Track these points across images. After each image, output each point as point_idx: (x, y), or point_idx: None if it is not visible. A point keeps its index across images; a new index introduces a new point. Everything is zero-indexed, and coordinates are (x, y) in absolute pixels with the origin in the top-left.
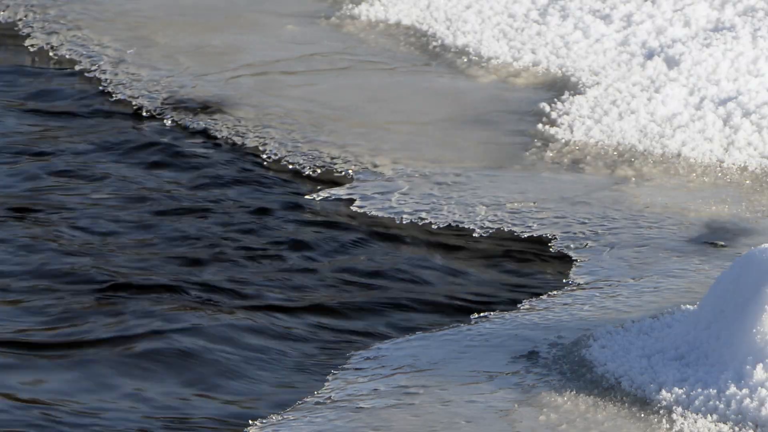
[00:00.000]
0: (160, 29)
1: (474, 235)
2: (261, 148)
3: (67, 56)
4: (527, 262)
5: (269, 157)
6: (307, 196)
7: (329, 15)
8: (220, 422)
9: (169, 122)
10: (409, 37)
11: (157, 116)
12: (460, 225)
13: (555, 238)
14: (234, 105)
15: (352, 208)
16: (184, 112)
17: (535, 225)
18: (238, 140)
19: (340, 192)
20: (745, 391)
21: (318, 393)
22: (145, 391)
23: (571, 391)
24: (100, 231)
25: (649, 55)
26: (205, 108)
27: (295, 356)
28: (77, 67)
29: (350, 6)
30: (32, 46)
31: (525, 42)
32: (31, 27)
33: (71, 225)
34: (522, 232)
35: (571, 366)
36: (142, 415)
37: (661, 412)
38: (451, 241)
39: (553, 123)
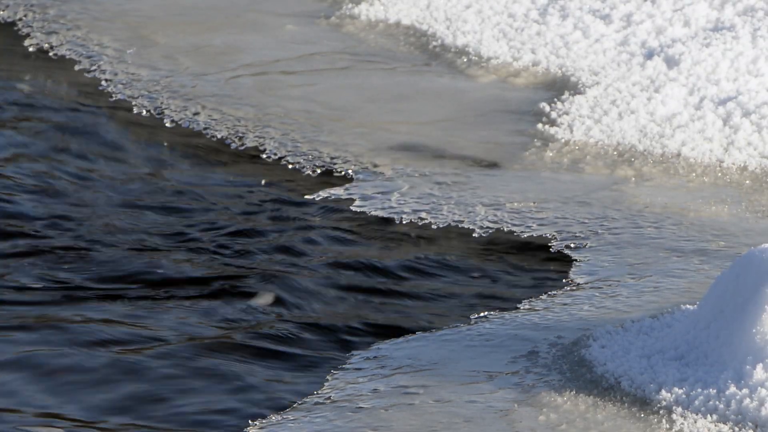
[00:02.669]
0: (160, 29)
1: (474, 235)
2: (261, 148)
3: (67, 56)
4: (527, 262)
5: (269, 157)
6: (307, 196)
7: (329, 15)
8: (219, 422)
9: (169, 122)
10: (409, 37)
11: (157, 116)
12: (460, 225)
13: (555, 238)
14: (234, 105)
15: (352, 208)
16: (184, 112)
17: (535, 225)
18: (238, 140)
19: (340, 192)
20: (744, 391)
21: (318, 393)
22: (144, 390)
23: (570, 391)
24: (97, 230)
25: (649, 55)
26: (205, 108)
27: (294, 356)
28: (77, 67)
29: (350, 6)
30: (32, 46)
31: (525, 42)
32: (31, 27)
33: (68, 226)
34: (522, 232)
35: (571, 366)
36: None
37: (660, 412)
38: (451, 240)
39: (553, 123)
